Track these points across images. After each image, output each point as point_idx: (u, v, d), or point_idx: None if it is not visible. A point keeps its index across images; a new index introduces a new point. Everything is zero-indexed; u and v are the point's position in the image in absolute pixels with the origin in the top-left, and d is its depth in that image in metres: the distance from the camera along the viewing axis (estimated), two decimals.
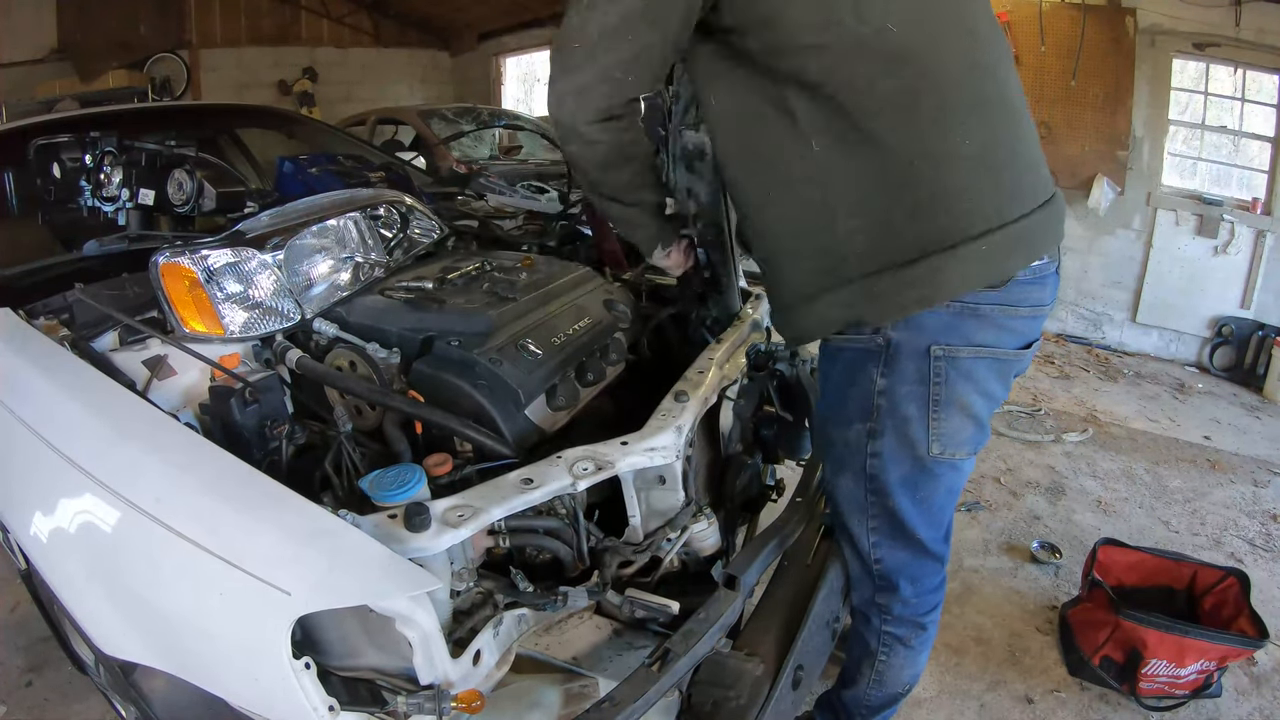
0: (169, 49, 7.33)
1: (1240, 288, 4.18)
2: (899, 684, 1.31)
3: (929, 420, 1.02)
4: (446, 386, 1.18)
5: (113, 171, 1.75)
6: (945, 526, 1.19)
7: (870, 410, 1.04)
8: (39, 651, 1.75)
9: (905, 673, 1.30)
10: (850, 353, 1.04)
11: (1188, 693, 1.69)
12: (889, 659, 1.28)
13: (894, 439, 1.05)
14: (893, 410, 1.03)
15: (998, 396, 1.05)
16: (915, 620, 1.24)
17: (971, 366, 0.99)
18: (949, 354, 0.98)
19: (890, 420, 1.04)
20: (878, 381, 1.02)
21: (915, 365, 0.99)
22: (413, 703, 0.84)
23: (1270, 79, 4.07)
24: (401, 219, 1.56)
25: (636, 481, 1.14)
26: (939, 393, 1.00)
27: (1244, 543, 2.42)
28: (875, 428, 1.05)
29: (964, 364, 0.99)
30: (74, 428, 1.02)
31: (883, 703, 1.34)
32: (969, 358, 0.99)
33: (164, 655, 0.89)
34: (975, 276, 0.94)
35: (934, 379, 0.99)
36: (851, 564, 1.24)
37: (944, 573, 1.24)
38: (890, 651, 1.27)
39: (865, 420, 1.05)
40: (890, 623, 1.24)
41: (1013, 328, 0.99)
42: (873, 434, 1.05)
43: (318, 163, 1.95)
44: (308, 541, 0.81)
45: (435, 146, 4.79)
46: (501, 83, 9.02)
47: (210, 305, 1.22)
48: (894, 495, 1.10)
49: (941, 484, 1.10)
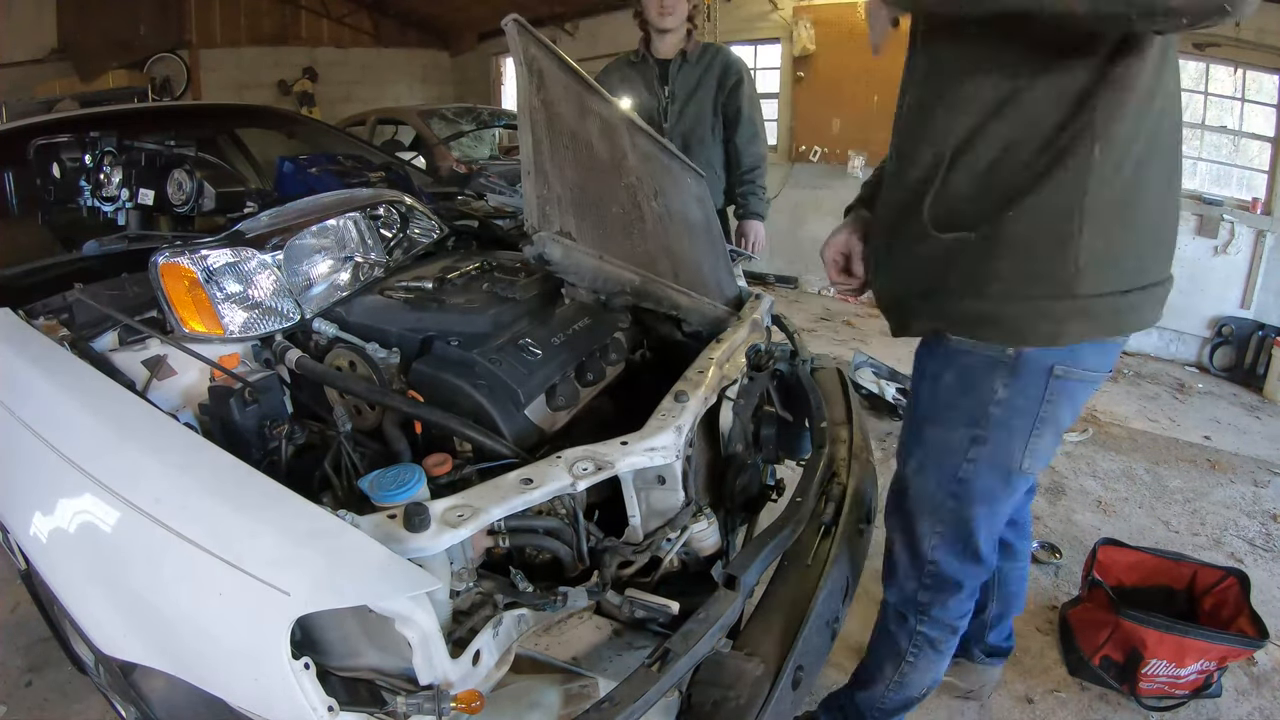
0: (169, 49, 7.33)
1: (1240, 288, 4.18)
2: (919, 687, 1.33)
3: (1029, 437, 1.06)
4: (446, 386, 1.18)
5: (113, 171, 1.75)
6: (997, 536, 1.24)
7: (981, 418, 1.07)
8: (39, 651, 1.75)
9: (927, 676, 1.31)
10: (975, 359, 1.05)
11: (1188, 693, 1.69)
12: (916, 661, 1.29)
13: (994, 450, 1.08)
14: (1004, 422, 1.06)
15: (1077, 416, 1.12)
16: (950, 624, 1.26)
17: (1076, 388, 1.04)
18: (1067, 375, 1.02)
19: (998, 432, 1.07)
20: (999, 392, 1.04)
21: (1036, 382, 1.03)
22: (412, 703, 0.84)
23: (1270, 79, 4.06)
24: (401, 219, 1.56)
25: (636, 481, 1.14)
26: (1046, 411, 1.04)
27: (1244, 543, 2.42)
28: (981, 435, 1.08)
29: (1073, 386, 1.03)
30: (74, 428, 1.02)
31: (897, 706, 1.35)
32: (1078, 381, 1.03)
33: (164, 655, 0.89)
34: (1150, 318, 1.02)
35: (1047, 398, 1.03)
36: (900, 562, 1.26)
37: (984, 580, 1.27)
38: (919, 653, 1.29)
39: (973, 427, 1.08)
40: (927, 624, 1.26)
41: (1112, 355, 1.06)
42: (976, 441, 1.08)
43: (318, 163, 1.95)
44: (307, 542, 0.81)
45: (435, 146, 4.79)
46: (501, 83, 9.02)
47: (210, 305, 1.22)
48: (974, 504, 1.13)
49: (1014, 498, 1.15)
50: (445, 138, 4.84)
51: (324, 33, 8.49)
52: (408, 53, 9.14)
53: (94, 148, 1.80)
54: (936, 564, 1.21)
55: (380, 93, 8.50)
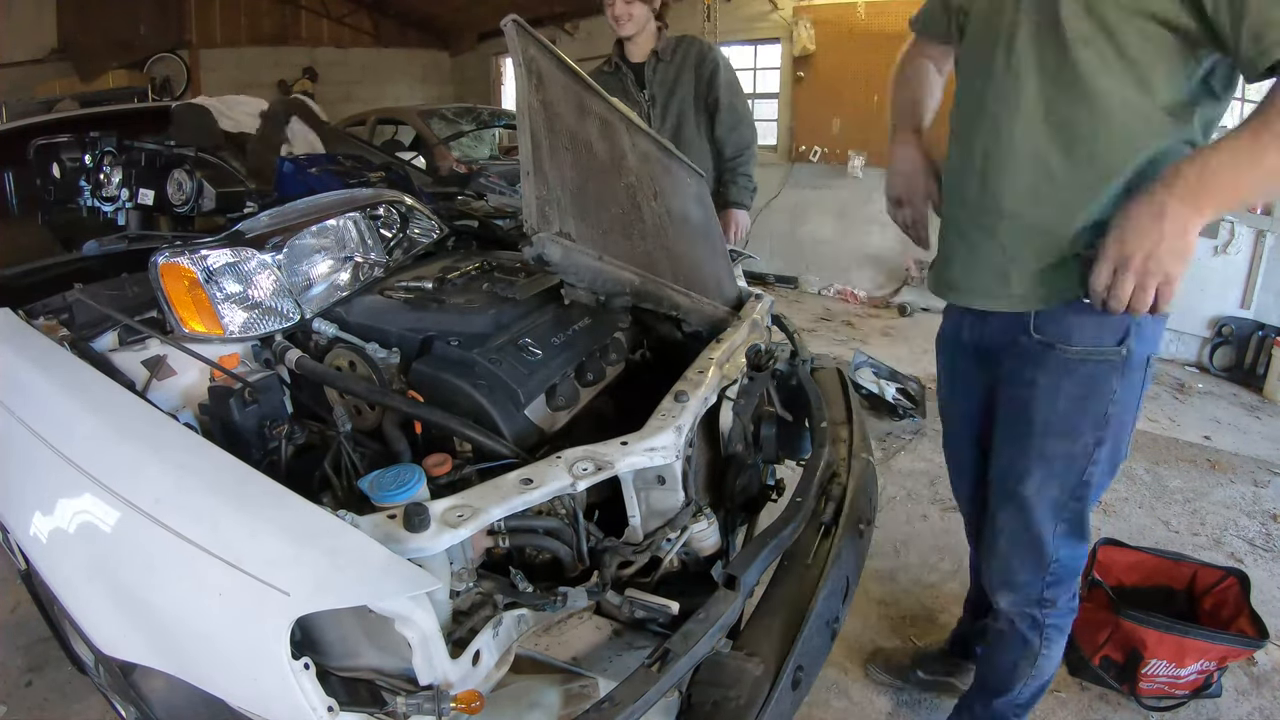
0: (169, 49, 7.34)
1: (1240, 288, 4.17)
2: (1050, 671, 1.37)
3: (1133, 425, 1.13)
4: (446, 386, 1.18)
5: (113, 171, 1.76)
6: None
7: (1103, 421, 1.10)
8: (39, 651, 1.75)
9: (1057, 659, 1.36)
10: (1092, 365, 1.08)
11: (1188, 693, 1.69)
12: (1050, 650, 1.33)
13: (1113, 447, 1.13)
14: (1120, 419, 1.11)
15: None
16: (1072, 606, 1.32)
17: (1151, 372, 1.10)
18: (1153, 362, 1.09)
19: (1114, 430, 1.11)
20: (1117, 392, 1.08)
21: (1139, 375, 1.08)
22: (412, 703, 0.84)
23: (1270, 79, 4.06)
24: (401, 219, 1.56)
25: (636, 481, 1.14)
26: (1140, 399, 1.11)
27: (1244, 543, 2.42)
28: (1103, 436, 1.11)
29: (1152, 371, 1.10)
30: (74, 428, 1.02)
31: (1034, 695, 1.40)
32: (1153, 364, 1.10)
33: (163, 655, 0.89)
34: None
35: (1144, 386, 1.10)
36: (1020, 567, 1.27)
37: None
38: (1052, 643, 1.33)
39: (1097, 430, 1.10)
40: (1054, 614, 1.30)
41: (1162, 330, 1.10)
42: (1099, 443, 1.11)
43: (318, 163, 1.95)
44: (307, 542, 0.81)
45: (435, 146, 4.79)
46: (501, 83, 9.02)
47: (210, 305, 1.22)
48: (1091, 500, 1.18)
49: (1107, 483, 1.20)
50: (445, 138, 4.84)
51: (324, 33, 8.50)
52: (408, 53, 9.14)
53: (94, 148, 1.80)
54: (1059, 560, 1.24)
55: (380, 93, 8.50)
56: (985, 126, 1.10)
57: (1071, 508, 1.19)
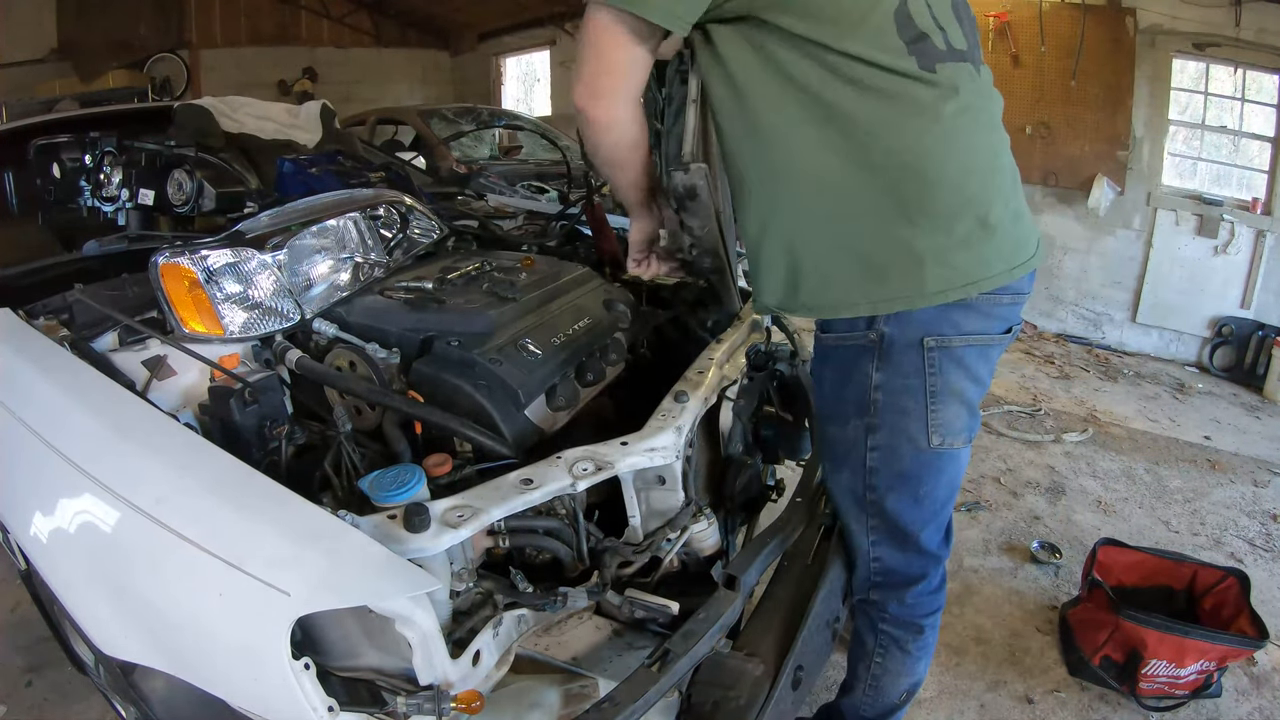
0: (169, 49, 7.34)
1: (1240, 288, 4.18)
2: (895, 692, 1.30)
3: (927, 412, 1.04)
4: (446, 386, 1.18)
5: (113, 171, 1.76)
6: (945, 525, 1.20)
7: (867, 405, 1.06)
8: (39, 651, 1.75)
9: (902, 680, 1.29)
10: (844, 350, 1.05)
11: (1188, 693, 1.69)
12: (884, 662, 1.27)
13: (891, 433, 1.07)
14: (891, 404, 1.05)
15: (985, 381, 1.09)
16: (913, 621, 1.23)
17: (963, 354, 1.02)
18: (941, 344, 1.01)
19: (889, 415, 1.05)
20: (874, 377, 1.04)
21: (910, 359, 1.01)
22: (412, 703, 0.84)
23: (1270, 79, 4.06)
24: (401, 219, 1.56)
25: (636, 482, 1.14)
26: (935, 384, 1.03)
27: (1244, 543, 2.42)
28: (873, 423, 1.07)
29: (956, 352, 1.02)
30: (74, 428, 1.02)
31: (878, 714, 1.33)
32: (961, 346, 1.02)
33: (164, 655, 0.89)
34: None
35: (929, 370, 1.02)
36: (854, 561, 1.24)
37: (943, 574, 1.24)
38: (886, 654, 1.26)
39: (863, 416, 1.07)
40: (887, 622, 1.24)
41: (995, 314, 1.03)
42: (871, 429, 1.07)
43: (318, 163, 1.95)
44: (307, 542, 0.81)
45: (435, 146, 4.79)
46: (501, 83, 9.03)
47: (210, 305, 1.22)
48: (893, 491, 1.11)
49: (943, 478, 1.12)
50: (445, 138, 4.84)
51: (324, 33, 8.50)
52: (408, 53, 9.14)
53: (94, 148, 1.80)
54: (880, 559, 1.20)
55: (380, 93, 8.50)
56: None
57: (871, 500, 1.13)
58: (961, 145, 0.98)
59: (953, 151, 0.97)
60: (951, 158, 0.97)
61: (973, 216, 0.97)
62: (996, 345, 1.06)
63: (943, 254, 0.96)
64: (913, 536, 1.15)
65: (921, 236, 0.95)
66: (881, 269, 0.98)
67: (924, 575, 1.20)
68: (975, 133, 1.00)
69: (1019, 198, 1.07)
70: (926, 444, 1.06)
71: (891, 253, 0.97)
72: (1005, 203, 1.01)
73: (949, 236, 0.96)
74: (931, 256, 0.96)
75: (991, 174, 1.01)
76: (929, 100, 0.95)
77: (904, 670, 1.28)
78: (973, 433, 1.10)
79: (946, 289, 0.97)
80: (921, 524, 1.14)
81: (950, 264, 0.96)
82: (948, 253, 0.96)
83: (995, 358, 1.09)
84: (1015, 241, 1.03)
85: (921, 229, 0.95)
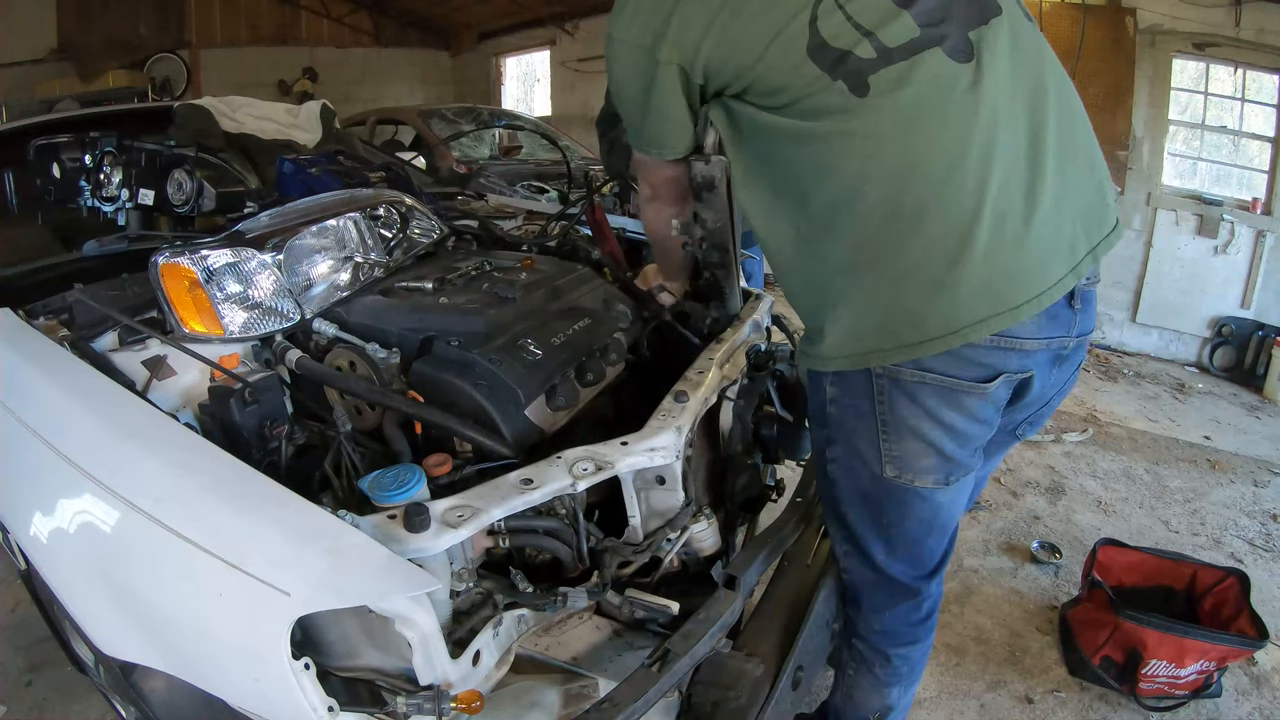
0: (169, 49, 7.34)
1: (1240, 288, 4.18)
2: (867, 709, 1.26)
3: (879, 440, 0.98)
4: (446, 386, 1.18)
5: (113, 171, 1.76)
6: (925, 562, 1.12)
7: (825, 417, 1.05)
8: (39, 651, 1.75)
9: (873, 699, 1.25)
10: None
11: (1188, 693, 1.69)
12: (855, 678, 1.25)
13: (844, 450, 1.04)
14: (842, 422, 1.02)
15: (958, 428, 0.96)
16: (879, 649, 1.20)
17: (915, 391, 0.93)
18: (890, 374, 0.93)
19: (841, 431, 1.03)
20: (827, 390, 1.02)
21: (858, 380, 0.96)
22: (412, 703, 0.84)
23: (1270, 79, 4.07)
24: (401, 219, 1.56)
25: (636, 482, 1.14)
26: (884, 413, 0.96)
27: (1244, 543, 2.42)
28: (830, 435, 1.05)
29: (908, 386, 0.93)
30: (74, 428, 1.02)
31: None
32: (913, 382, 0.92)
33: (163, 655, 0.89)
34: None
35: (878, 397, 0.95)
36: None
37: (928, 611, 1.17)
38: (856, 670, 1.24)
39: (824, 427, 1.06)
40: (858, 639, 1.22)
41: (969, 357, 0.90)
42: (829, 440, 1.06)
43: (318, 163, 1.95)
44: (307, 542, 0.81)
45: (435, 146, 4.78)
46: (501, 83, 9.03)
47: (210, 305, 1.22)
48: (854, 507, 1.08)
49: (909, 513, 1.04)
50: (445, 138, 4.83)
51: (324, 33, 8.50)
52: (408, 53, 9.14)
53: (94, 148, 1.80)
54: (849, 572, 1.17)
55: (380, 93, 8.50)
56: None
57: (833, 512, 1.11)
58: (918, 156, 0.86)
59: (905, 171, 0.86)
60: (903, 179, 0.86)
61: (943, 250, 0.85)
62: (970, 394, 0.92)
63: (897, 311, 0.89)
64: (878, 564, 1.10)
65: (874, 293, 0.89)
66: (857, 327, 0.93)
67: (891, 605, 1.15)
68: (943, 129, 0.86)
69: (1044, 191, 0.88)
70: (881, 472, 1.00)
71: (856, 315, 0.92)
72: (1008, 210, 0.86)
73: (905, 286, 0.88)
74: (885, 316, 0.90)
75: (977, 175, 0.85)
76: (862, 126, 0.87)
77: (874, 691, 1.24)
78: (951, 476, 1.00)
79: (912, 343, 0.89)
80: (887, 551, 1.09)
81: (910, 317, 0.88)
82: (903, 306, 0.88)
83: (974, 407, 0.94)
84: (1020, 269, 0.87)
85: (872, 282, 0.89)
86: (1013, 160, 0.88)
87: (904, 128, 0.87)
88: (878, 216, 0.88)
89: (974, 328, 0.87)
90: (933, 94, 0.86)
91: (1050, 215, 0.88)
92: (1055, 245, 0.90)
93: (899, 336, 0.89)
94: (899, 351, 0.90)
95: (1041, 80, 0.93)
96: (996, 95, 0.88)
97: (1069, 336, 0.96)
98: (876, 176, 0.87)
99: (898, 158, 0.87)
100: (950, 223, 0.86)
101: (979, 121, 0.87)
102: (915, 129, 0.87)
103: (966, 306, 0.87)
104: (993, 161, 0.86)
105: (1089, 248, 0.94)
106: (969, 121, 0.86)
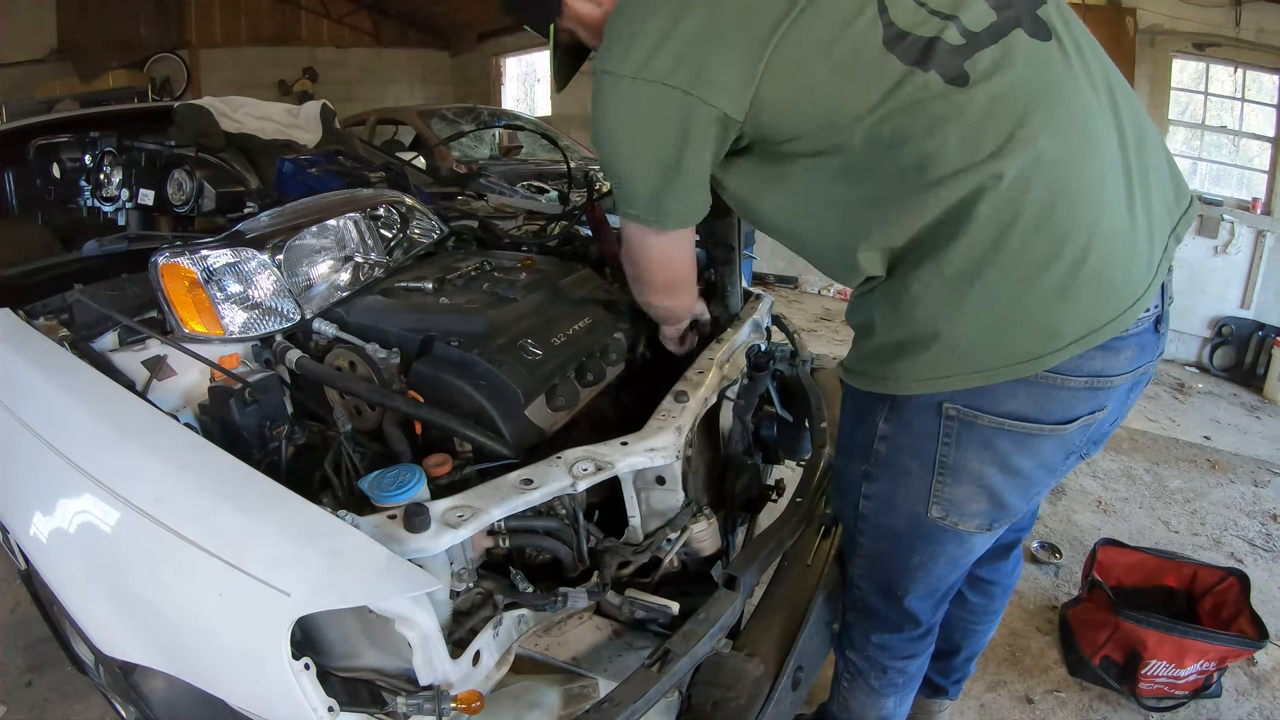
0: (169, 49, 7.34)
1: (1240, 288, 4.18)
2: (864, 717, 1.26)
3: (932, 481, 0.92)
4: (446, 387, 1.18)
5: (113, 171, 1.76)
6: (938, 596, 1.11)
7: (869, 454, 0.97)
8: (39, 651, 1.75)
9: (869, 709, 1.24)
10: (861, 392, 0.96)
11: (1188, 693, 1.69)
12: (851, 688, 1.25)
13: (889, 489, 0.98)
14: (891, 461, 0.95)
15: (1027, 474, 0.90)
16: (878, 661, 1.19)
17: (992, 436, 0.86)
18: (964, 416, 0.86)
19: (887, 470, 0.96)
20: (880, 427, 0.94)
21: (923, 420, 0.89)
22: (412, 703, 0.84)
23: (1270, 79, 4.07)
24: (401, 219, 1.56)
25: (636, 482, 1.14)
26: (948, 456, 0.89)
27: (1244, 543, 2.42)
28: (870, 471, 0.99)
29: (983, 431, 0.86)
30: (74, 428, 1.02)
31: None
32: (991, 426, 0.86)
33: (163, 656, 0.89)
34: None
35: (943, 439, 0.88)
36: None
37: (925, 627, 1.16)
38: (852, 680, 1.24)
39: (864, 462, 0.99)
40: (853, 650, 1.22)
41: (1059, 398, 0.84)
42: (868, 476, 1.00)
43: (318, 163, 1.95)
44: (307, 542, 0.81)
45: (435, 146, 4.79)
46: (501, 83, 9.03)
47: (210, 305, 1.22)
48: (882, 543, 1.05)
49: (942, 553, 1.01)
50: (445, 138, 4.84)
51: (324, 33, 8.51)
52: (408, 53, 9.14)
53: (94, 148, 1.80)
54: (861, 591, 1.15)
55: (380, 93, 8.50)
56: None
57: (860, 542, 1.07)
58: (1041, 145, 0.78)
59: (1030, 162, 0.77)
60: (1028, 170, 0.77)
61: (1072, 247, 0.78)
62: (1048, 438, 0.87)
63: (1021, 321, 0.81)
64: (896, 594, 1.08)
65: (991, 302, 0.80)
66: (963, 344, 0.84)
67: (900, 628, 1.14)
68: (1049, 111, 0.79)
69: (1134, 171, 0.82)
70: (926, 513, 0.95)
71: (968, 329, 0.83)
72: (1114, 198, 0.80)
73: (1030, 292, 0.79)
74: (999, 330, 0.81)
75: (1096, 158, 0.79)
76: (969, 115, 0.78)
77: (870, 702, 1.23)
78: (996, 522, 0.95)
79: (1035, 356, 0.80)
80: (908, 586, 1.06)
81: (1032, 327, 0.80)
82: (1027, 316, 0.80)
83: (1048, 451, 0.89)
84: (1131, 262, 0.81)
85: (990, 290, 0.80)
86: (1110, 142, 0.82)
87: (1019, 113, 0.78)
88: (997, 215, 0.79)
89: (1104, 329, 0.80)
90: (1034, 75, 0.80)
91: (1141, 197, 0.83)
92: (1149, 231, 0.85)
93: (1013, 352, 0.81)
94: (1012, 368, 0.81)
95: (1099, 54, 0.88)
96: (1086, 71, 0.83)
97: (1152, 362, 0.92)
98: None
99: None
100: (1077, 214, 0.78)
101: (1081, 99, 0.81)
102: (1034, 113, 0.78)
103: (1095, 308, 0.80)
104: (1101, 144, 0.81)
105: (1170, 226, 0.89)
106: (1075, 100, 0.81)
